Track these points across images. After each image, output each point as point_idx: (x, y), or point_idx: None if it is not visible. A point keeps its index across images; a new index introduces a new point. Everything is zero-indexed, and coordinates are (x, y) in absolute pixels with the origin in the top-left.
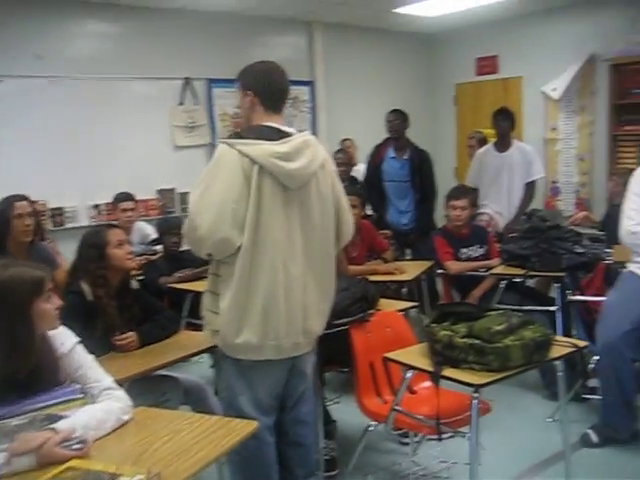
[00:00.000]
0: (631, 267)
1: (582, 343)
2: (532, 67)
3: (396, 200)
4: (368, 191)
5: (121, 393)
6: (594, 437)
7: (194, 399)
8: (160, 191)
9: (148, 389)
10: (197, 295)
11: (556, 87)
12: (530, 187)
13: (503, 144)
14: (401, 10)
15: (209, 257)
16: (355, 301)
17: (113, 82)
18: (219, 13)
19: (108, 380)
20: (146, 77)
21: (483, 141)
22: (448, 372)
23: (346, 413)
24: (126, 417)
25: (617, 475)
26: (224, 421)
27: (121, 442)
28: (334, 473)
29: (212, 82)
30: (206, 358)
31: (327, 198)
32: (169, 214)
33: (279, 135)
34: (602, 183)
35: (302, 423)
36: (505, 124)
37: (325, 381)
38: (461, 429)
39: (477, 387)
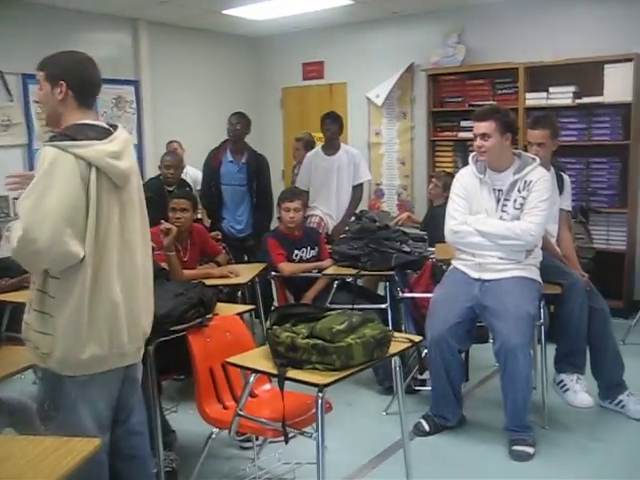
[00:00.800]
0: (455, 263)
1: (417, 338)
2: (356, 74)
3: (232, 205)
4: (206, 196)
5: None
6: (426, 426)
7: (19, 420)
8: None
9: None
10: (17, 307)
11: (379, 94)
12: (358, 189)
13: (331, 147)
14: (228, 12)
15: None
16: (192, 306)
17: None
18: (35, 4)
19: None
20: None
21: (310, 143)
22: (292, 373)
23: (184, 422)
24: None
25: (448, 458)
26: (61, 441)
27: None
28: None
29: (28, 77)
30: (28, 374)
31: (141, 196)
32: None
33: (105, 133)
34: (422, 185)
35: (135, 434)
36: (333, 128)
37: (162, 390)
38: (304, 429)
39: (322, 387)
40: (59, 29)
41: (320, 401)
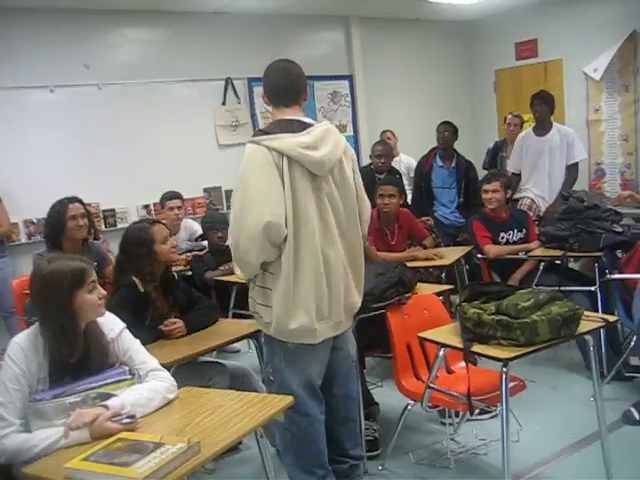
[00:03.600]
0: None
1: (612, 318)
2: (572, 49)
3: (443, 204)
4: (418, 196)
5: (166, 374)
6: (636, 414)
7: (240, 383)
8: (207, 189)
9: (195, 373)
10: (242, 286)
11: (597, 67)
12: (572, 169)
13: (542, 128)
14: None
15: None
16: (392, 285)
17: (158, 86)
18: (256, 14)
19: (154, 362)
20: (189, 79)
21: (522, 124)
22: (477, 348)
23: (389, 397)
24: (171, 395)
25: None
26: (260, 397)
27: (166, 417)
28: (376, 453)
29: (252, 81)
30: (254, 349)
31: (351, 182)
32: (216, 211)
33: (301, 127)
34: None
35: (351, 399)
36: (542, 108)
37: (365, 365)
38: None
39: (505, 361)
40: (277, 34)
41: (504, 375)
